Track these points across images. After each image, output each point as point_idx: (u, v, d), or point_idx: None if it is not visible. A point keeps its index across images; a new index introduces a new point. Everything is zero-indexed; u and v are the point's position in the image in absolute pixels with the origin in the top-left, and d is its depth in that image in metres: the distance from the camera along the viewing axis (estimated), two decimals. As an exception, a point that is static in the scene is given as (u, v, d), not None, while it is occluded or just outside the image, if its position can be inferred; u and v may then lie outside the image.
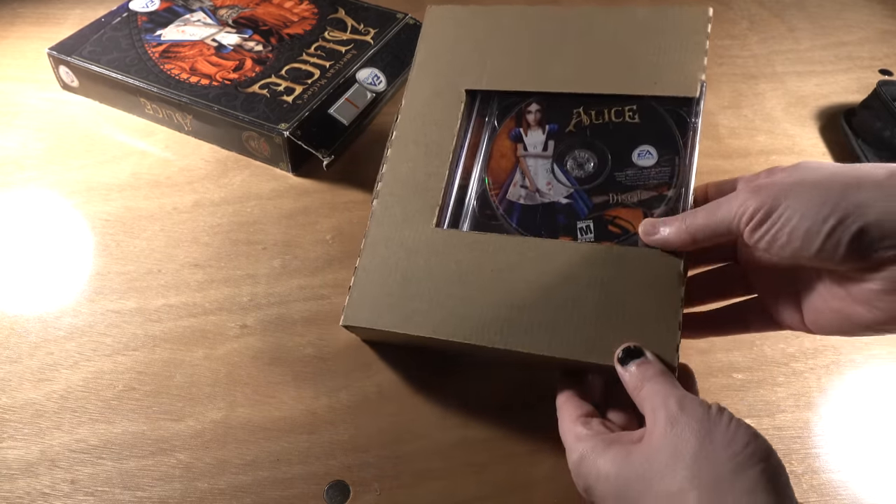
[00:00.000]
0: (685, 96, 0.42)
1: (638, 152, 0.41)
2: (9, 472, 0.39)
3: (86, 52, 0.61)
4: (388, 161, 0.45)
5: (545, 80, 0.45)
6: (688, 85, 0.42)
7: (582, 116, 0.44)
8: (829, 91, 0.69)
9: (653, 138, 0.42)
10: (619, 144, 0.42)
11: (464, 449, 0.41)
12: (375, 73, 0.63)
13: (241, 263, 0.51)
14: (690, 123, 0.41)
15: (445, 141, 0.45)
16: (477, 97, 0.46)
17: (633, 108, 0.43)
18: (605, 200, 0.41)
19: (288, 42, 0.64)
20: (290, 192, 0.56)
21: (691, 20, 0.44)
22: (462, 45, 0.47)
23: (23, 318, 0.47)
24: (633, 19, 0.45)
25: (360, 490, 0.39)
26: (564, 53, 0.45)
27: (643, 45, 0.44)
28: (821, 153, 0.62)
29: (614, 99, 0.43)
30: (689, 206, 0.39)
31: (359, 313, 0.41)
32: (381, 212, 0.44)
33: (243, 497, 0.39)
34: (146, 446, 0.41)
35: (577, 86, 0.44)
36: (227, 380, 0.44)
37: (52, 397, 0.43)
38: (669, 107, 0.42)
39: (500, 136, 0.45)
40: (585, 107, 0.44)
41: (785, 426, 0.43)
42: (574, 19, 0.46)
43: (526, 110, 0.45)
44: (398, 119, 0.46)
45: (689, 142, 0.41)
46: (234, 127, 0.57)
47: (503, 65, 0.46)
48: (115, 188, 0.56)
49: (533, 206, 0.42)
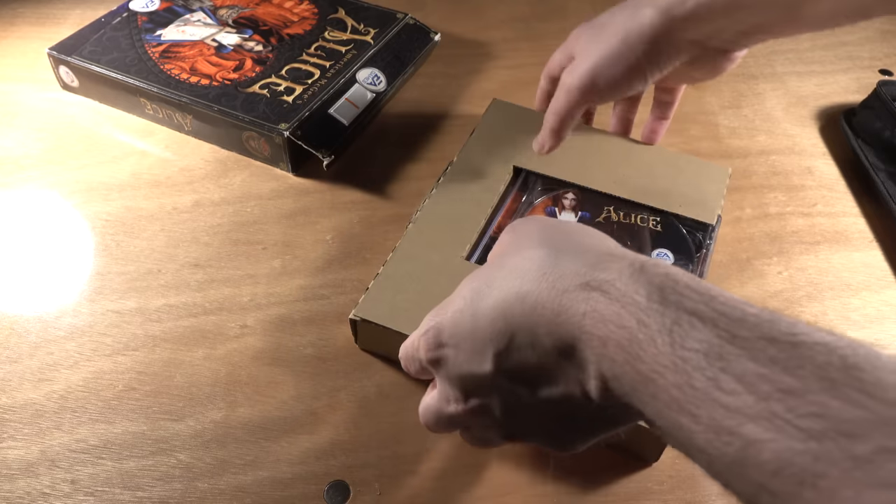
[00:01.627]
0: (703, 222, 0.49)
1: (657, 252, 0.47)
2: (9, 472, 0.39)
3: (86, 52, 0.61)
4: (431, 198, 0.50)
5: (585, 178, 0.52)
6: (706, 214, 0.49)
7: (612, 213, 0.50)
8: (829, 91, 0.69)
9: (672, 246, 0.48)
10: (641, 242, 0.48)
11: (464, 449, 0.41)
12: (375, 73, 0.63)
13: (241, 263, 0.51)
14: (705, 244, 0.48)
15: (487, 198, 0.50)
16: (521, 175, 0.53)
17: (658, 219, 0.49)
18: None
19: (288, 42, 0.64)
20: (290, 192, 0.56)
21: (715, 172, 0.53)
22: (517, 134, 0.54)
23: (23, 318, 0.47)
24: (666, 155, 0.54)
25: (360, 490, 0.39)
26: (604, 162, 0.53)
27: (672, 176, 0.52)
28: (821, 153, 0.62)
29: (641, 207, 0.50)
30: None
31: (373, 310, 0.42)
32: (415, 233, 0.47)
33: (243, 497, 0.39)
34: (146, 446, 0.41)
35: (612, 189, 0.51)
36: (227, 380, 0.44)
37: (52, 397, 0.43)
38: (688, 228, 0.49)
39: (537, 208, 0.50)
40: (616, 207, 0.50)
41: (785, 426, 0.43)
42: (616, 142, 0.55)
43: (563, 195, 0.51)
44: (448, 170, 0.52)
45: (703, 257, 0.47)
46: (234, 127, 0.57)
47: (554, 155, 0.51)
48: (115, 188, 0.56)
49: None
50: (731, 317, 0.22)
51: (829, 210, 0.57)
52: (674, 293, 0.24)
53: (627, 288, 0.25)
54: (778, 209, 0.57)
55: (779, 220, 0.56)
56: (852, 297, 0.51)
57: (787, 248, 0.54)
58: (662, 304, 0.24)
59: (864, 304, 0.50)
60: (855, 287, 0.51)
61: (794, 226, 0.56)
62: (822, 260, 0.53)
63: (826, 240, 0.55)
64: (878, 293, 0.51)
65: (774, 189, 0.58)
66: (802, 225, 0.56)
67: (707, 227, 0.49)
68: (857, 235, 0.55)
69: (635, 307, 0.24)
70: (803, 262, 0.53)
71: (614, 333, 0.24)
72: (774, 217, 0.56)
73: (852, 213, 0.57)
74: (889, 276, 0.52)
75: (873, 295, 0.51)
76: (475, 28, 0.73)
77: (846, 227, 0.56)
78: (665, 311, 0.23)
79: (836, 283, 0.51)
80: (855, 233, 0.55)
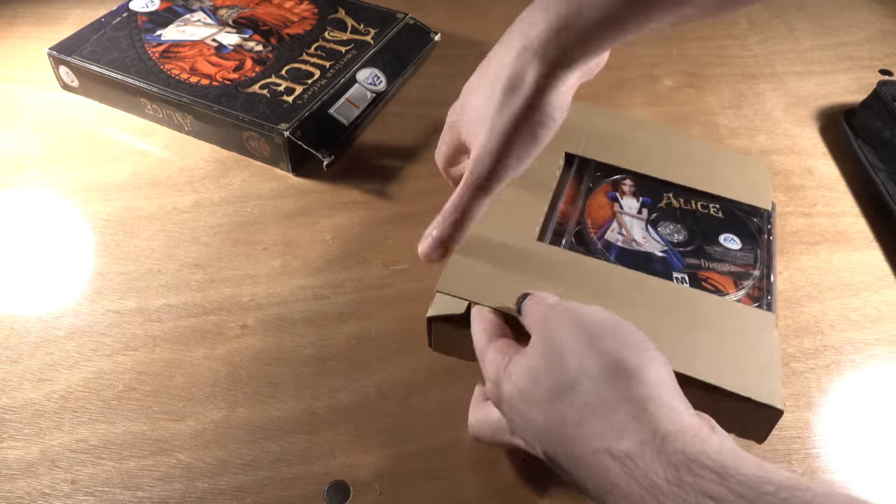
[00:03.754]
0: (759, 207, 0.48)
1: (724, 237, 0.46)
2: (9, 472, 0.39)
3: (86, 52, 0.61)
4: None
5: (638, 164, 0.50)
6: (761, 200, 0.49)
7: (672, 200, 0.48)
8: (829, 91, 0.69)
9: (736, 231, 0.47)
10: (707, 227, 0.47)
11: (464, 449, 0.41)
12: (375, 73, 0.63)
13: (241, 263, 0.51)
14: (765, 229, 0.47)
15: (546, 184, 0.48)
16: (574, 161, 0.50)
17: (717, 206, 0.48)
18: (697, 264, 0.44)
19: (288, 42, 0.64)
20: (290, 192, 0.56)
21: (757, 162, 0.53)
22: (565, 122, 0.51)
23: (23, 318, 0.47)
24: (714, 150, 0.54)
25: (360, 490, 0.39)
26: (656, 148, 0.52)
27: (722, 166, 0.51)
28: (821, 153, 0.62)
29: (698, 194, 0.49)
30: (774, 287, 0.43)
31: (454, 284, 0.40)
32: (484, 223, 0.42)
33: (243, 497, 0.39)
34: (146, 446, 0.41)
35: (667, 176, 0.49)
36: (227, 380, 0.44)
37: (52, 397, 0.43)
38: (745, 213, 0.48)
39: (598, 193, 0.49)
40: (674, 194, 0.49)
41: (785, 426, 0.43)
42: (666, 131, 0.55)
43: (622, 182, 0.49)
44: None
45: (766, 241, 0.46)
46: (234, 127, 0.57)
47: (601, 143, 0.51)
48: (115, 188, 0.56)
49: (630, 250, 0.44)
50: (747, 498, 0.24)
51: (829, 210, 0.57)
52: (689, 474, 0.25)
53: (648, 467, 0.26)
54: (778, 209, 0.57)
55: (779, 220, 0.56)
56: (852, 297, 0.51)
57: (787, 248, 0.54)
58: (680, 486, 0.25)
59: (864, 304, 0.50)
60: (855, 287, 0.51)
61: (794, 226, 0.56)
62: (822, 260, 0.53)
63: (826, 240, 0.55)
64: (878, 293, 0.51)
65: (774, 189, 0.58)
66: (802, 225, 0.56)
67: (762, 213, 0.48)
68: (857, 235, 0.55)
69: (657, 490, 0.26)
70: (803, 262, 0.53)
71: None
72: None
73: (852, 213, 0.57)
74: (889, 276, 0.52)
75: (873, 295, 0.51)
76: (475, 28, 0.73)
77: (846, 227, 0.56)
78: (685, 496, 0.25)
79: (836, 283, 0.51)
80: (855, 233, 0.55)
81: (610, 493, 0.28)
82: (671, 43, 0.74)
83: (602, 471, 0.28)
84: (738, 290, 0.42)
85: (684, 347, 0.37)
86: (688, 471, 0.26)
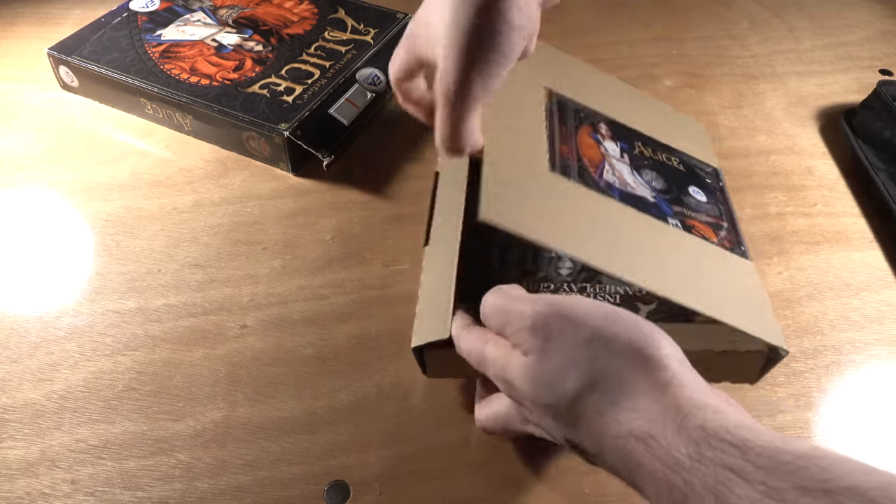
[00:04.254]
0: (711, 164, 0.51)
1: (692, 189, 0.47)
2: (9, 472, 0.39)
3: (86, 52, 0.61)
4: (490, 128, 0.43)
5: (610, 109, 0.51)
6: (708, 158, 0.51)
7: (642, 148, 0.49)
8: (829, 91, 0.69)
9: (698, 185, 0.48)
10: (676, 178, 0.47)
11: (464, 449, 0.41)
12: (375, 73, 0.63)
13: (241, 263, 0.51)
14: (718, 186, 0.49)
15: (538, 118, 0.46)
16: (553, 99, 0.49)
17: (678, 160, 0.49)
18: (681, 212, 0.45)
19: (288, 42, 0.64)
20: (290, 192, 0.56)
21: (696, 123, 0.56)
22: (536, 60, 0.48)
23: (23, 318, 0.47)
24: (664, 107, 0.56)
25: (360, 490, 0.39)
26: (619, 97, 0.52)
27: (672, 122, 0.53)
28: (821, 153, 0.62)
29: (661, 146, 0.50)
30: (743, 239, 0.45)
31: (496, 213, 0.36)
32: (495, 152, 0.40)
33: (243, 497, 0.39)
34: (146, 446, 0.41)
35: (634, 124, 0.50)
36: (227, 380, 0.44)
37: (52, 397, 0.43)
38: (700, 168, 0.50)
39: (583, 132, 0.48)
40: (642, 143, 0.49)
41: (785, 426, 0.43)
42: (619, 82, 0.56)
43: (598, 125, 0.49)
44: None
45: (724, 198, 0.48)
46: (234, 127, 0.57)
47: (573, 84, 0.51)
48: (115, 188, 0.56)
49: (628, 193, 0.44)
50: (766, 469, 0.25)
51: (829, 210, 0.57)
52: (710, 449, 0.26)
53: (670, 445, 0.27)
54: (778, 209, 0.57)
55: (779, 220, 0.56)
56: (852, 297, 0.51)
57: (787, 248, 0.54)
58: (701, 461, 0.26)
59: (864, 304, 0.50)
60: (855, 287, 0.51)
61: (794, 226, 0.56)
62: (822, 260, 0.53)
63: (826, 240, 0.55)
64: (878, 293, 0.51)
65: (774, 189, 0.58)
66: (802, 225, 0.56)
67: (713, 170, 0.49)
68: (857, 235, 0.55)
69: (679, 467, 0.27)
70: (803, 262, 0.53)
71: (665, 492, 0.27)
72: (774, 217, 0.56)
73: (852, 213, 0.57)
74: (889, 276, 0.52)
75: (873, 295, 0.51)
76: (475, 28, 0.73)
77: (846, 227, 0.56)
78: (706, 470, 0.26)
79: (836, 283, 0.51)
80: (855, 233, 0.55)
81: (636, 472, 0.29)
82: (671, 43, 0.74)
83: (627, 454, 0.29)
84: (717, 240, 0.44)
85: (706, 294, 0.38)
86: (708, 446, 0.26)
